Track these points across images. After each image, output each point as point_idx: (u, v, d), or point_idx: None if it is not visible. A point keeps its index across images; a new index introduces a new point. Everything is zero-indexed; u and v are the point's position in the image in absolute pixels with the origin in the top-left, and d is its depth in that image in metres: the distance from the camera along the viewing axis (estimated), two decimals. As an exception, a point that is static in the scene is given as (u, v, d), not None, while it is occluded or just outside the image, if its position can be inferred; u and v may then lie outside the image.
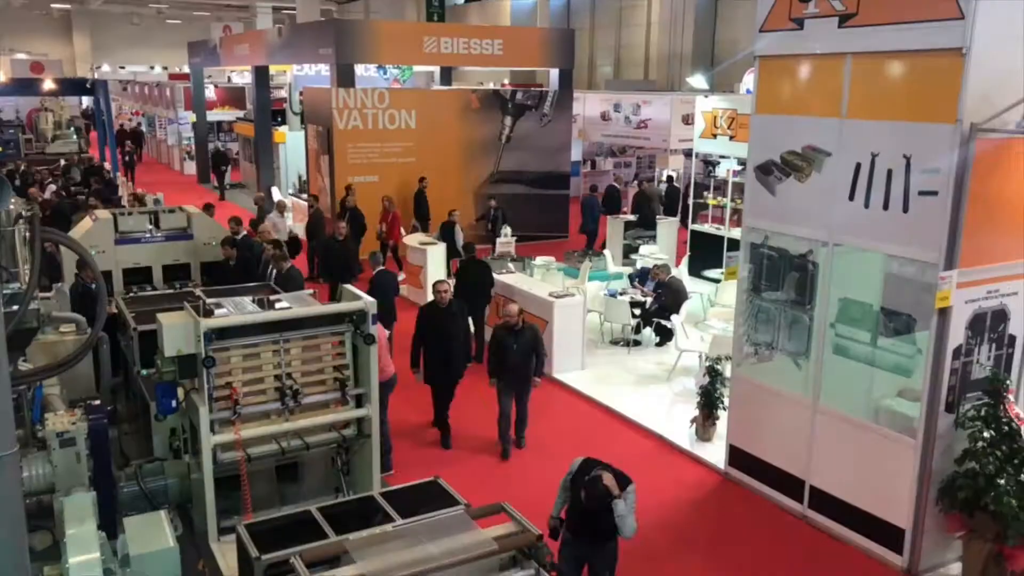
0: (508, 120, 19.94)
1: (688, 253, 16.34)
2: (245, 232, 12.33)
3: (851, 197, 7.08)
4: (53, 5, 47.62)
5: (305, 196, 20.43)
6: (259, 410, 6.85)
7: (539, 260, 15.08)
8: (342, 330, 7.16)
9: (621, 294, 12.76)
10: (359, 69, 20.81)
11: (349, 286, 7.57)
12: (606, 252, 16.22)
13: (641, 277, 13.39)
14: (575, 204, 21.12)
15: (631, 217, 18.12)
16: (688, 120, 19.85)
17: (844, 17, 6.98)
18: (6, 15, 45.91)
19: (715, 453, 9.02)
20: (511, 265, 14.12)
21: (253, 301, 7.25)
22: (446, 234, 15.62)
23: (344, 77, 18.60)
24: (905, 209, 6.68)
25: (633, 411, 10.26)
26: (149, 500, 6.79)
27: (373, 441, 7.28)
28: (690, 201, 17.16)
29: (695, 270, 15.85)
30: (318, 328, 7.07)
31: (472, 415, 9.85)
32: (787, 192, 7.76)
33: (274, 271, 10.87)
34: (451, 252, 15.31)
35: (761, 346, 8.30)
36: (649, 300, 12.59)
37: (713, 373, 9.28)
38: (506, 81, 32.29)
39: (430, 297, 10.03)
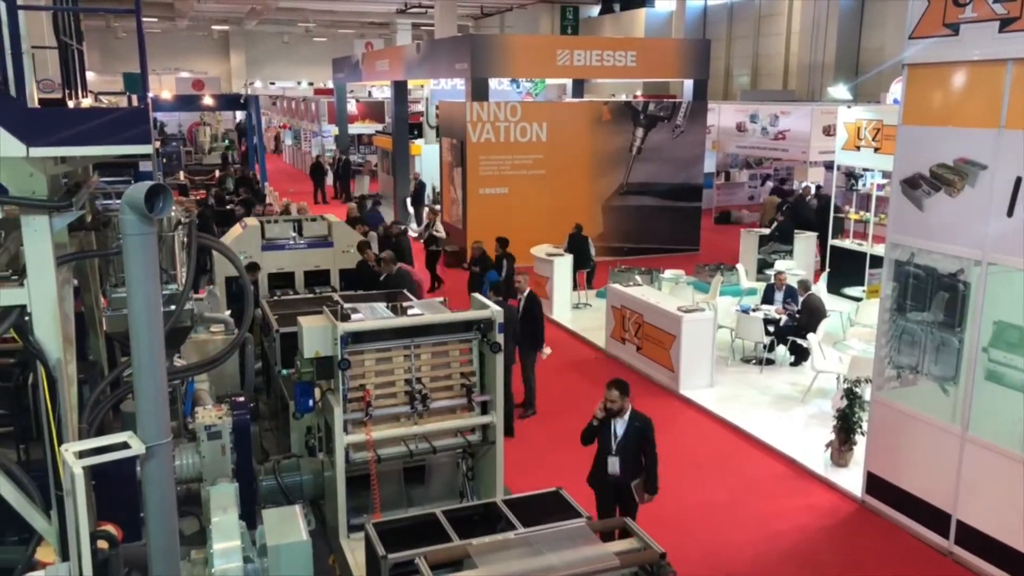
0: (639, 131, 19.78)
1: (827, 269, 15.67)
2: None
3: (1010, 213, 6.60)
4: (214, 27, 51.09)
5: (438, 208, 20.99)
6: (389, 413, 7.05)
7: (668, 273, 14.85)
8: (470, 338, 7.29)
9: (754, 310, 12.38)
10: (493, 83, 21.20)
11: (478, 295, 7.70)
12: (739, 267, 15.79)
13: (767, 293, 12.96)
14: (707, 216, 20.69)
15: (764, 231, 17.56)
16: (829, 131, 19.10)
17: (1006, 21, 6.53)
18: (173, 36, 49.61)
19: (851, 480, 8.59)
20: (638, 278, 13.97)
21: (387, 307, 7.50)
22: (574, 246, 15.63)
23: (478, 91, 19.00)
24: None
25: (764, 432, 9.92)
26: (285, 494, 7.12)
27: (497, 448, 7.36)
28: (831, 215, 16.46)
29: (834, 287, 15.19)
30: (447, 335, 7.23)
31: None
32: (936, 207, 7.32)
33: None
34: (580, 263, 15.33)
35: (905, 369, 7.85)
36: (783, 316, 12.16)
37: (851, 396, 8.84)
38: (638, 92, 32.05)
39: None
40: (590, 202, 19.39)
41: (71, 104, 6.91)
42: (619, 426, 6.98)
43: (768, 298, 12.81)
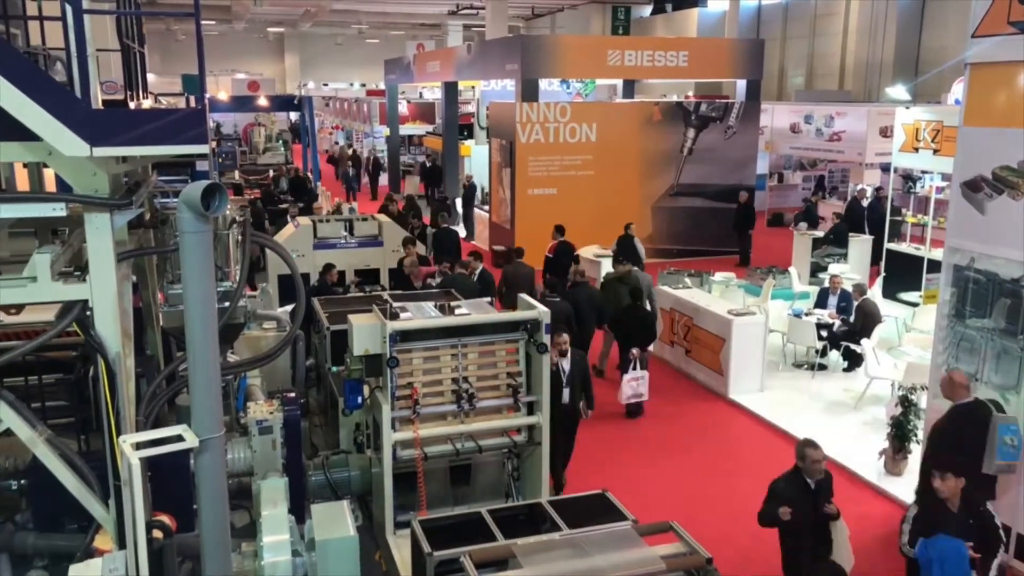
0: (691, 132, 19.59)
1: (883, 274, 15.33)
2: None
3: (1077, 217, 6.38)
4: (269, 29, 52.04)
5: (487, 208, 21.07)
6: (436, 411, 7.10)
7: (718, 276, 14.68)
8: (516, 338, 7.30)
9: (807, 314, 12.17)
10: (543, 83, 21.20)
11: (525, 296, 7.71)
12: (791, 270, 15.52)
13: (821, 297, 12.72)
14: (759, 219, 20.41)
15: (819, 233, 17.23)
16: (886, 133, 18.69)
17: (1074, 18, 6.32)
18: (229, 38, 50.66)
19: (904, 489, 8.38)
20: (688, 280, 13.83)
21: (435, 306, 7.56)
22: (624, 247, 15.53)
23: (528, 91, 19.01)
24: None
25: (815, 438, 9.69)
26: (333, 490, 7.22)
27: (543, 449, 7.36)
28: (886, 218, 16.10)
29: (890, 292, 14.84)
30: (494, 335, 7.25)
31: (639, 439, 9.74)
32: (998, 211, 7.10)
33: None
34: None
35: (963, 377, 7.62)
36: (836, 320, 11.92)
37: (906, 403, 8.63)
38: (690, 93, 31.74)
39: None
40: (639, 203, 19.25)
41: (132, 105, 7.10)
42: (566, 364, 8.41)
43: (822, 302, 12.58)
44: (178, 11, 33.88)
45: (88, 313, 4.67)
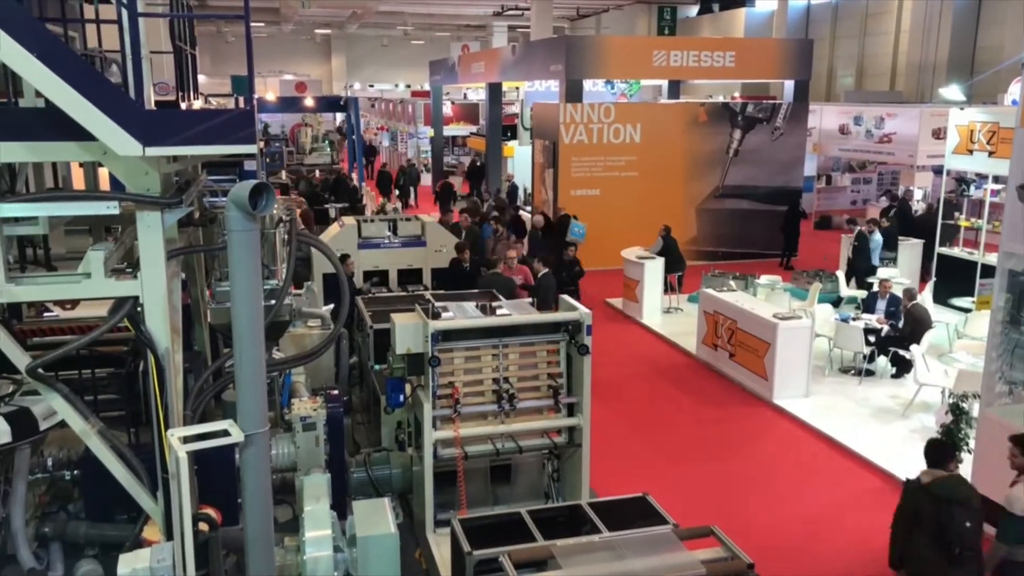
0: (737, 133, 19.38)
1: (934, 278, 14.98)
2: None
3: None
4: (317, 30, 52.71)
5: (530, 209, 21.07)
6: (477, 411, 7.13)
7: (763, 279, 14.48)
8: (557, 339, 7.29)
9: (854, 319, 11.94)
10: (587, 84, 21.14)
11: (567, 297, 7.70)
12: (839, 273, 15.26)
13: (870, 301, 12.46)
14: (806, 221, 20.10)
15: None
16: (939, 134, 18.25)
17: None
18: (278, 40, 51.42)
19: (955, 499, 8.16)
20: (732, 283, 13.68)
21: (476, 306, 7.59)
22: (667, 248, 15.41)
23: (572, 92, 18.97)
24: None
25: (861, 445, 9.56)
26: (375, 487, 7.29)
27: (584, 451, 7.34)
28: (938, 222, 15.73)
29: (941, 297, 14.50)
30: (535, 336, 7.25)
31: (680, 443, 9.65)
32: (1057, 214, 6.89)
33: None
34: (671, 266, 15.12)
35: (1017, 385, 7.45)
36: (885, 325, 11.69)
37: (957, 411, 8.41)
38: (736, 94, 31.38)
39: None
40: (684, 205, 19.10)
41: (183, 106, 7.26)
42: None
43: (870, 307, 12.34)
44: (228, 14, 34.50)
45: (139, 309, 4.78)
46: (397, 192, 27.29)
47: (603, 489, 7.94)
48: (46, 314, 7.86)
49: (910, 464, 8.90)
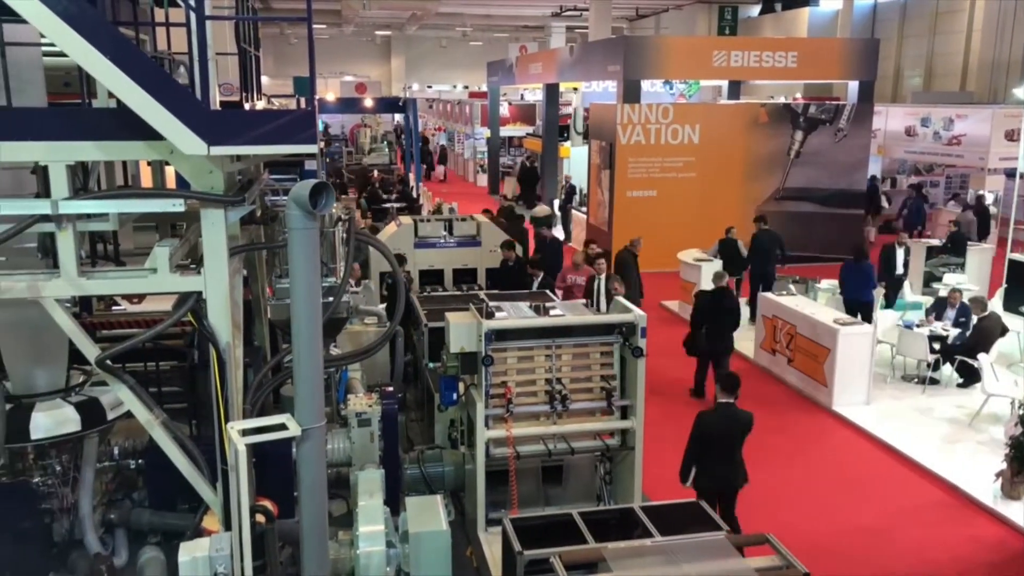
0: (798, 135, 19.01)
1: (1005, 284, 14.46)
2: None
3: None
4: (377, 32, 53.38)
5: (584, 210, 20.99)
6: (529, 411, 7.13)
7: (824, 283, 14.17)
8: (611, 341, 7.25)
9: (919, 326, 11.61)
10: (645, 85, 20.98)
11: (621, 298, 7.65)
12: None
13: (938, 309, 12.09)
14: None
15: (934, 241, 16.40)
16: (1012, 136, 17.65)
17: None
18: (339, 42, 52.20)
19: (1023, 514, 7.89)
20: (792, 287, 13.42)
21: (530, 307, 7.59)
22: (726, 251, 15.18)
23: (630, 93, 18.85)
24: None
25: (924, 456, 9.29)
26: (427, 484, 7.35)
27: (636, 454, 7.28)
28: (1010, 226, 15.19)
29: (1012, 305, 13.98)
30: (589, 337, 7.23)
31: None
32: None
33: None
34: (730, 269, 14.89)
35: (1092, 397, 7.13)
36: (951, 333, 11.33)
37: (1028, 423, 8.13)
38: (798, 95, 30.79)
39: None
40: (743, 207, 18.78)
41: (247, 106, 7.43)
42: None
43: (936, 314, 11.98)
44: (292, 16, 35.15)
45: (202, 304, 4.91)
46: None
47: (656, 493, 7.87)
48: (114, 308, 8.13)
49: (976, 476, 8.67)
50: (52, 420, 5.45)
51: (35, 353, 5.54)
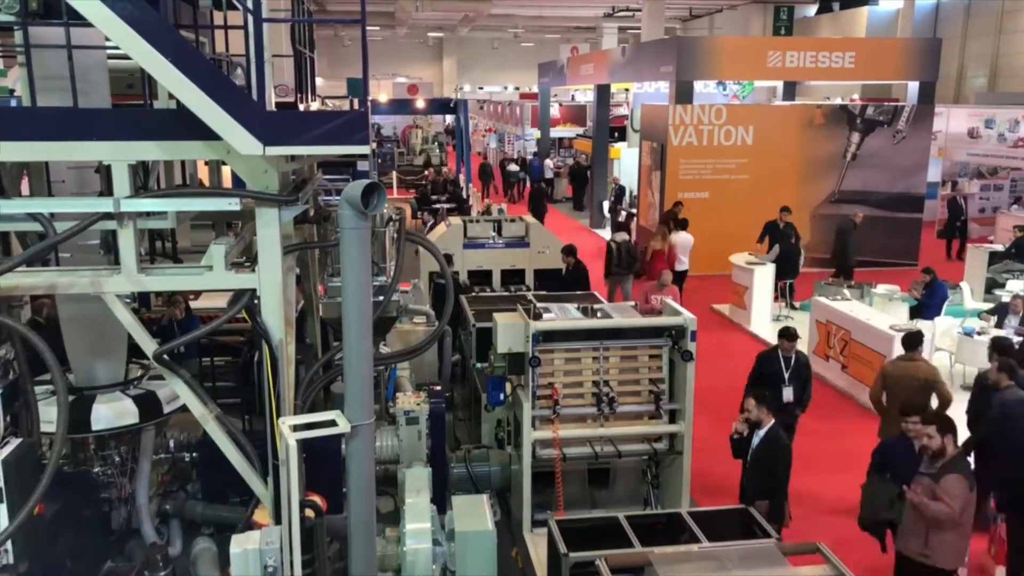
0: (855, 137, 18.62)
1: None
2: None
3: None
4: (429, 34, 53.82)
5: (635, 211, 20.86)
6: (576, 412, 7.12)
7: (880, 288, 13.85)
8: (660, 344, 7.19)
9: (979, 333, 11.26)
10: (697, 85, 20.76)
11: (670, 300, 7.58)
12: (963, 285, 14.43)
13: (1000, 315, 11.72)
14: (929, 229, 19.08)
15: (997, 247, 15.90)
16: (1081, 138, 17.01)
17: None
18: (392, 44, 52.74)
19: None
20: (847, 291, 13.15)
21: (577, 308, 7.57)
22: (783, 246, 14.92)
23: (682, 94, 18.67)
24: None
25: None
26: (474, 483, 7.37)
27: (684, 458, 7.21)
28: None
29: (1079, 313, 13.49)
30: (637, 340, 7.18)
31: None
32: None
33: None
34: (784, 271, 14.66)
35: None
36: (1014, 342, 10.96)
37: (1094, 436, 7.81)
38: (855, 96, 30.15)
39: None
40: (798, 210, 18.38)
41: (301, 107, 7.55)
42: (755, 439, 6.77)
43: (999, 321, 11.62)
44: (346, 18, 35.61)
45: (256, 301, 5.00)
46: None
47: (704, 498, 7.79)
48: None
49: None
50: (112, 412, 5.61)
51: (96, 347, 5.71)
